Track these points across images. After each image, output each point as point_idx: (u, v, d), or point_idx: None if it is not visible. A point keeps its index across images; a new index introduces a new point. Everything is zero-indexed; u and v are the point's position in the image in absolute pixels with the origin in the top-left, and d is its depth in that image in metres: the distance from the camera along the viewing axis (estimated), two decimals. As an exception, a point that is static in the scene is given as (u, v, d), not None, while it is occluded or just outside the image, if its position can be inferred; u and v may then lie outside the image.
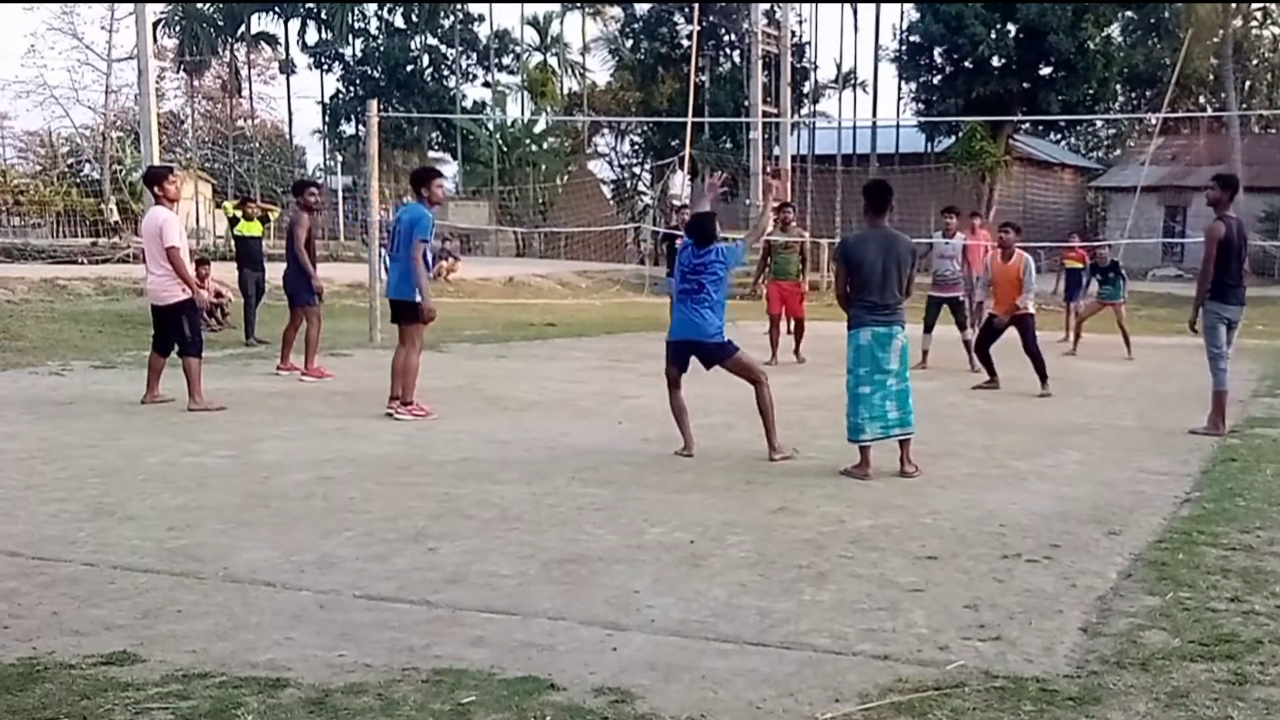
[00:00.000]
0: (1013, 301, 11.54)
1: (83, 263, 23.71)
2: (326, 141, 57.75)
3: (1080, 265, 17.68)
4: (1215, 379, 9.12)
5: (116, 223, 36.47)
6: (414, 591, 4.79)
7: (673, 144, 41.66)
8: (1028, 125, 46.06)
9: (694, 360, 8.00)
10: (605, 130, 55.58)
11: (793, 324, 14.18)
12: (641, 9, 50.77)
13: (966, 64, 39.34)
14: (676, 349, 7.98)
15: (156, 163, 15.64)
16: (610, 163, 57.02)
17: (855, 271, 7.29)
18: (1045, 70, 39.68)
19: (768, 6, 34.97)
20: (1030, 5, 37.13)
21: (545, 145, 49.27)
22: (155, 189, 9.70)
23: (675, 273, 8.09)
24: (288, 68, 57.37)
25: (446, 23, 54.85)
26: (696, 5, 37.28)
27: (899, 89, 47.59)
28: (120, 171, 41.85)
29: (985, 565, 5.26)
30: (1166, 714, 3.64)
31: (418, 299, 9.23)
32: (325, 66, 56.27)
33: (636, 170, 56.27)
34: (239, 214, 15.66)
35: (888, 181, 7.70)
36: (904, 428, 7.31)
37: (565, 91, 56.74)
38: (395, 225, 9.70)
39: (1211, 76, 46.33)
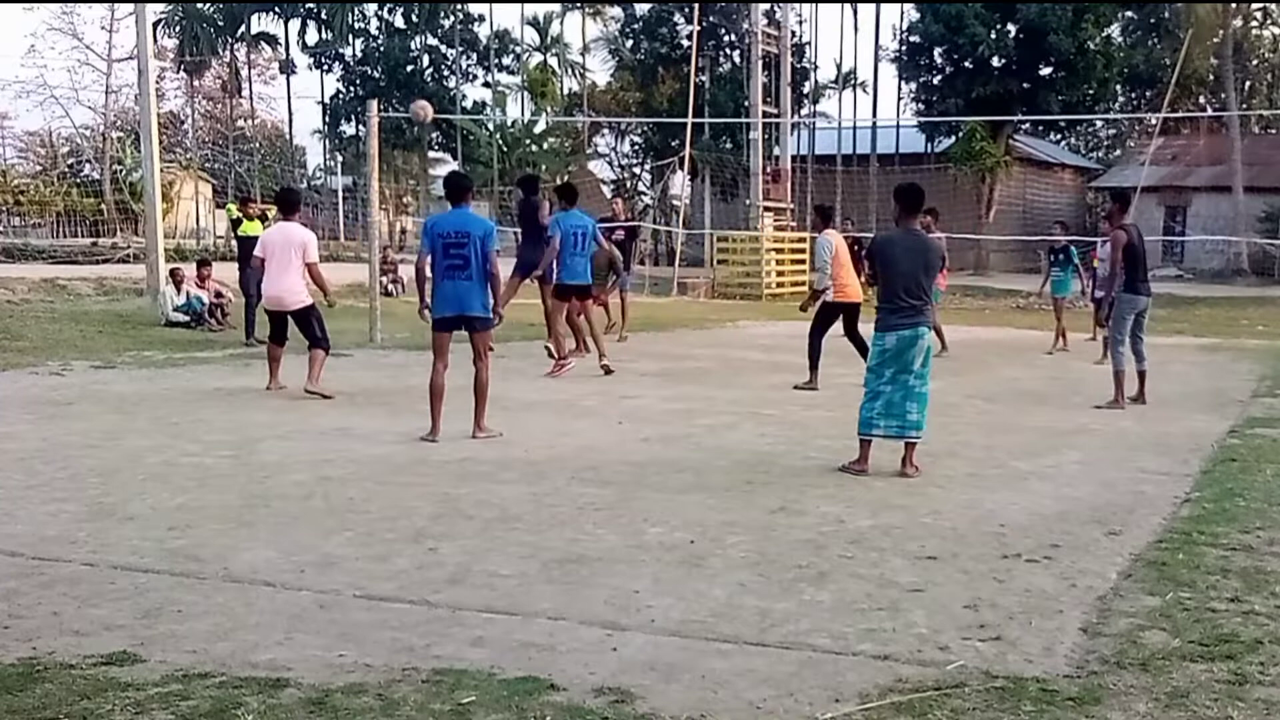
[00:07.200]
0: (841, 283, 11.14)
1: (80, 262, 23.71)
2: (326, 142, 57.69)
3: None
4: (1114, 360, 10.24)
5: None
6: (414, 591, 4.79)
7: (673, 144, 41.63)
8: (1028, 125, 46.08)
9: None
10: (605, 130, 55.54)
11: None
12: (641, 9, 50.71)
13: (966, 64, 39.37)
14: (445, 324, 8.41)
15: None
16: (610, 163, 57.03)
17: (880, 270, 7.33)
18: (1045, 70, 39.70)
19: (768, 6, 34.90)
20: (1030, 5, 37.13)
21: (545, 145, 49.23)
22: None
23: (436, 246, 8.24)
24: (288, 68, 57.29)
25: (446, 23, 54.75)
26: (696, 5, 37.21)
27: (899, 89, 47.71)
28: (120, 171, 41.79)
29: (985, 565, 5.26)
30: (1166, 714, 3.64)
31: None
32: (325, 67, 56.17)
33: (636, 170, 56.28)
34: (242, 214, 15.67)
35: (920, 185, 7.64)
36: (918, 430, 7.31)
37: (565, 92, 56.71)
38: None
39: (1211, 76, 46.28)
